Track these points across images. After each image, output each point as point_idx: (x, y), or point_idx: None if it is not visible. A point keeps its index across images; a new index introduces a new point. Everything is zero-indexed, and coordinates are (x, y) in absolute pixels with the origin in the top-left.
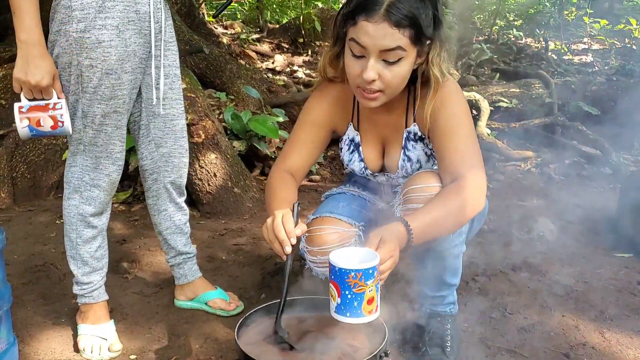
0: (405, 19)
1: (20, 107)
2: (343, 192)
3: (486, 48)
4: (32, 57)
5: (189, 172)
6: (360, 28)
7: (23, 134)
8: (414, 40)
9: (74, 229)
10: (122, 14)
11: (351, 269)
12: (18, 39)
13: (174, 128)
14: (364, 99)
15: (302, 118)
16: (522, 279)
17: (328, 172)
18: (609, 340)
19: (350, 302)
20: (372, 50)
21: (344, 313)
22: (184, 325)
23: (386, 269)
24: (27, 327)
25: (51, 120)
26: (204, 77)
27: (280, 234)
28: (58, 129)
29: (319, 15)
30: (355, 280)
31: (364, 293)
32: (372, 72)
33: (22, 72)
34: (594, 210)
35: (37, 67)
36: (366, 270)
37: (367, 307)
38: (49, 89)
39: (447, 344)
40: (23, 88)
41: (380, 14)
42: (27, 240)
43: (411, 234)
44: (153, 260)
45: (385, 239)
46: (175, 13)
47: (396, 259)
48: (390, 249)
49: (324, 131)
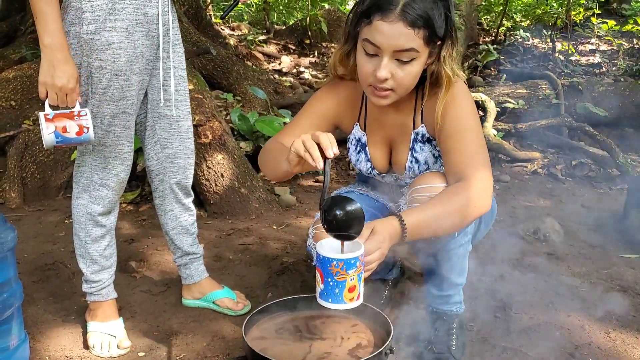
0: (420, 19)
1: (46, 115)
2: (352, 192)
3: (493, 49)
4: (57, 61)
5: (196, 172)
6: (375, 27)
7: (49, 141)
8: (427, 41)
9: (82, 228)
10: (131, 16)
11: (333, 257)
12: (42, 43)
13: (180, 129)
14: (375, 97)
15: (308, 106)
16: (527, 279)
17: (334, 172)
18: (615, 340)
19: (332, 289)
20: (386, 49)
21: (327, 299)
22: (191, 324)
23: (373, 260)
24: (37, 324)
25: (77, 127)
26: (211, 79)
27: (323, 138)
28: (83, 135)
29: (326, 16)
30: (337, 269)
31: (345, 282)
32: (385, 71)
33: (49, 76)
34: (601, 211)
35: (63, 71)
36: (348, 260)
37: (348, 294)
38: (74, 92)
39: (452, 343)
40: (49, 92)
41: (396, 14)
42: (37, 239)
43: (405, 230)
44: (161, 260)
45: (376, 230)
46: (182, 15)
47: (384, 252)
48: (378, 240)
49: (326, 123)
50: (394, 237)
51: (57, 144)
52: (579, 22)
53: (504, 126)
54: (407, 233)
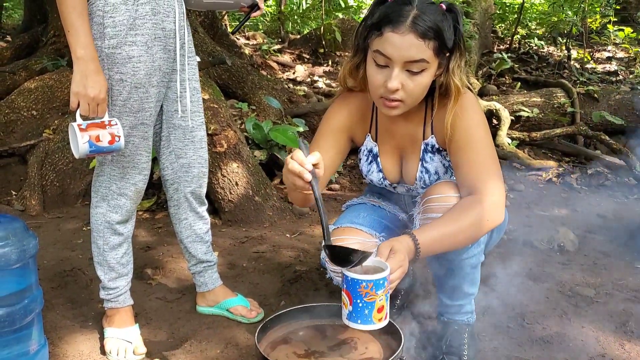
0: (430, 30)
1: (79, 125)
2: (363, 203)
3: (507, 57)
4: (89, 72)
5: (211, 180)
6: (386, 39)
7: (82, 150)
8: (436, 52)
9: (101, 236)
10: (150, 31)
11: (363, 279)
12: (75, 55)
13: (194, 139)
14: (385, 108)
15: (322, 126)
16: (541, 289)
17: (347, 181)
18: (629, 352)
19: (362, 310)
20: (397, 60)
21: (355, 320)
22: (205, 331)
23: (395, 279)
24: (56, 330)
25: (109, 136)
26: (226, 88)
27: (295, 167)
28: (115, 144)
29: (340, 26)
30: (367, 290)
31: (375, 302)
32: (396, 81)
33: (81, 86)
34: (617, 221)
35: (95, 81)
36: (377, 280)
37: (377, 315)
38: (105, 102)
39: (464, 353)
40: (81, 102)
41: (407, 26)
42: (56, 246)
43: (418, 248)
44: (176, 267)
45: (395, 249)
46: (198, 25)
47: (405, 269)
48: (400, 259)
49: (343, 138)
50: (410, 255)
51: (90, 153)
52: (595, 30)
53: (519, 135)
54: (421, 251)
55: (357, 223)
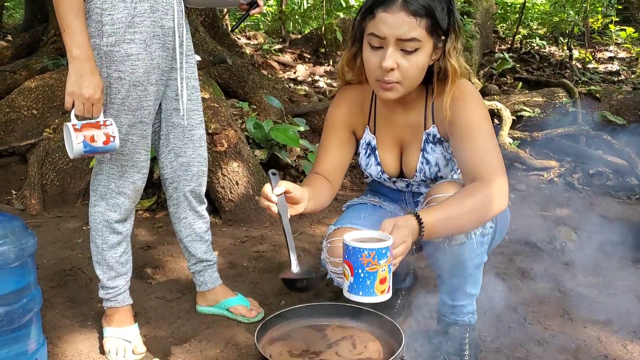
0: (421, 8)
1: (74, 125)
2: (364, 203)
3: (508, 57)
4: (85, 72)
5: (211, 180)
6: (378, 20)
7: (77, 150)
8: (429, 31)
9: (99, 235)
10: (149, 28)
11: (365, 247)
12: (70, 55)
13: (193, 138)
14: (382, 90)
15: (325, 126)
16: (543, 289)
17: (348, 180)
18: (632, 352)
19: (363, 280)
20: (390, 39)
21: (357, 292)
22: (205, 330)
23: (399, 254)
24: (55, 329)
25: (104, 136)
26: (227, 87)
27: (262, 202)
28: (110, 144)
29: (341, 25)
30: (369, 259)
31: (377, 272)
32: (390, 60)
33: (77, 86)
34: (619, 221)
35: (90, 81)
36: (379, 249)
37: (380, 286)
38: (100, 102)
39: (465, 353)
40: (76, 102)
41: (398, 5)
42: (56, 245)
43: (422, 229)
44: (176, 266)
45: (399, 225)
46: (199, 24)
47: (408, 246)
48: (404, 234)
49: (345, 132)
50: (413, 234)
51: (84, 153)
52: (596, 30)
53: (520, 135)
54: (425, 232)
55: (358, 224)
